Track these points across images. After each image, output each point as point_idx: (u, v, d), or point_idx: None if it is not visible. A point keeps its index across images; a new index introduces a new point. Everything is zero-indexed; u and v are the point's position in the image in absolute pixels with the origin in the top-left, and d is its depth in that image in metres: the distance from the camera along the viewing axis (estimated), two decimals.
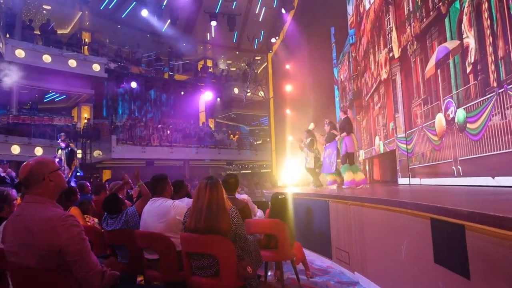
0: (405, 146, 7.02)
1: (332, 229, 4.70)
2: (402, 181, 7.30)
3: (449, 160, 5.43)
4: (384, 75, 8.10)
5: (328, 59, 12.77)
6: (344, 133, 6.78)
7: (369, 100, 9.24)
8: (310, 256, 5.21)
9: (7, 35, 14.75)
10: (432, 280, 2.57)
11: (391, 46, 7.61)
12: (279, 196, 4.07)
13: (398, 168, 7.53)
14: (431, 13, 5.85)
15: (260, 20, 19.61)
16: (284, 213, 3.93)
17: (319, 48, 12.53)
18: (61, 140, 9.14)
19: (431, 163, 6.04)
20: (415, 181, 6.68)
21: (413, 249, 2.85)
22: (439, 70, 5.66)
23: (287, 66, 13.51)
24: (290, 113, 13.49)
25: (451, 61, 5.31)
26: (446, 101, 5.47)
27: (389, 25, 7.72)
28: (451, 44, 5.32)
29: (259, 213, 4.67)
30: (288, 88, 13.45)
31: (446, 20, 5.41)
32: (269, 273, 4.21)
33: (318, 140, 8.38)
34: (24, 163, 1.95)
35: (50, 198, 1.93)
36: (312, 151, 8.12)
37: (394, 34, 7.45)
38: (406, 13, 6.83)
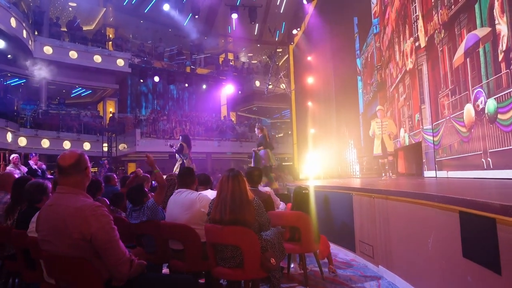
0: (431, 138, 6.84)
1: (355, 222, 4.64)
2: (428, 174, 7.12)
3: (478, 152, 5.26)
4: (409, 65, 7.88)
5: (351, 50, 12.54)
6: (261, 147, 8.16)
7: (394, 91, 9.03)
8: (333, 249, 5.18)
9: (36, 33, 15.22)
10: (460, 274, 2.51)
11: (417, 35, 7.38)
12: (303, 191, 4.05)
13: (424, 160, 7.35)
14: None
15: (281, 11, 19.44)
16: (306, 207, 3.91)
17: (341, 38, 12.30)
18: None
19: (459, 156, 5.86)
20: (442, 174, 6.50)
21: (441, 243, 2.79)
22: (468, 59, 5.46)
23: (309, 58, 13.34)
24: (312, 106, 13.35)
25: (481, 49, 5.11)
26: (475, 91, 5.28)
27: (415, 13, 7.48)
28: (481, 32, 5.11)
29: (282, 205, 4.67)
30: (310, 80, 13.29)
31: (476, 6, 5.20)
32: (292, 266, 4.22)
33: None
34: (69, 152, 2.02)
35: (82, 189, 2.00)
36: None
37: (420, 22, 7.22)
38: (433, 0, 6.60)
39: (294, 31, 13.66)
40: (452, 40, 5.96)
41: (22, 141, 13.77)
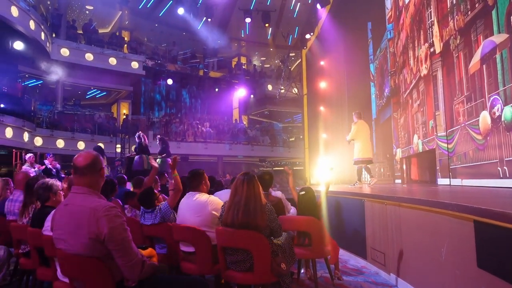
0: (445, 145, 6.74)
1: (367, 228, 4.60)
2: (441, 181, 7.01)
3: (494, 161, 5.15)
4: (424, 71, 7.80)
5: (364, 55, 12.47)
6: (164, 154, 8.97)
7: (408, 97, 8.93)
8: (344, 255, 5.14)
9: (53, 35, 15.54)
10: (474, 285, 2.46)
11: (432, 41, 7.30)
12: (300, 193, 4.01)
13: (437, 168, 7.24)
14: (477, 5, 5.55)
15: (294, 16, 19.47)
16: (312, 210, 3.86)
17: (355, 44, 12.24)
18: None
19: (474, 163, 5.76)
20: (456, 181, 6.39)
21: (455, 252, 2.74)
22: (484, 66, 5.37)
23: (322, 63, 13.31)
24: (324, 110, 13.30)
25: (498, 56, 5.02)
26: (491, 98, 5.19)
27: (430, 18, 7.41)
28: (498, 38, 5.02)
29: (292, 210, 4.65)
30: (323, 85, 13.25)
31: (494, 12, 5.12)
32: (302, 271, 4.19)
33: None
34: (85, 153, 2.06)
35: (96, 190, 2.04)
36: None
37: (435, 28, 7.14)
38: (449, 6, 6.53)
39: (307, 36, 13.64)
40: (468, 46, 5.88)
41: (38, 141, 14.04)
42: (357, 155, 7.35)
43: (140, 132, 9.48)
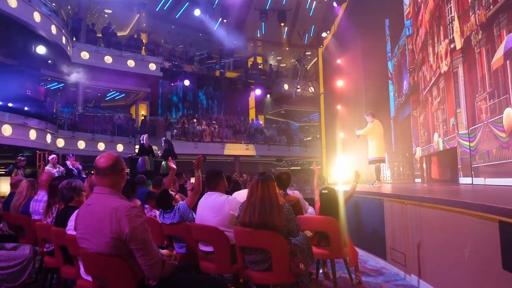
0: (467, 143, 6.57)
1: (386, 228, 4.53)
2: (463, 180, 6.85)
3: None
4: (444, 68, 7.63)
5: (382, 53, 12.28)
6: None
7: (427, 95, 8.76)
8: (363, 256, 5.08)
9: (74, 39, 15.92)
10: (499, 287, 2.40)
11: (453, 37, 7.13)
12: (322, 191, 3.98)
13: (459, 166, 7.07)
14: None
15: (310, 14, 19.36)
16: (334, 210, 3.83)
17: (372, 41, 12.08)
18: None
19: (498, 162, 5.60)
20: (479, 180, 6.23)
21: (479, 254, 2.67)
22: (508, 61, 5.22)
23: (339, 61, 13.19)
24: (341, 109, 13.18)
25: None
26: None
27: (451, 14, 7.24)
28: None
29: (310, 209, 4.63)
30: (340, 83, 13.14)
31: None
32: (320, 271, 4.17)
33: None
34: (106, 154, 2.11)
35: (118, 190, 2.08)
36: None
37: (456, 23, 6.98)
38: (470, 1, 6.36)
39: (324, 34, 13.54)
40: (490, 42, 5.72)
41: (60, 142, 14.42)
42: (373, 154, 7.26)
43: (145, 135, 9.71)
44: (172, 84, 19.37)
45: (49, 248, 3.45)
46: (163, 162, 9.05)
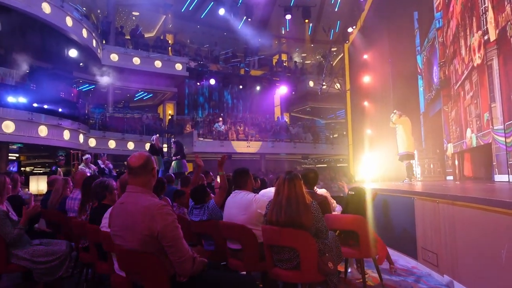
0: (503, 139, 6.29)
1: (417, 227, 4.42)
2: (499, 178, 6.56)
3: None
4: (477, 61, 7.33)
5: (410, 47, 11.93)
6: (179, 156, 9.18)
7: (459, 89, 8.44)
8: (393, 255, 4.98)
9: (104, 41, 16.43)
10: None
11: (486, 28, 6.83)
12: (349, 192, 3.95)
13: (494, 163, 6.78)
14: None
15: (336, 10, 19.08)
16: (361, 212, 3.79)
17: (400, 35, 11.74)
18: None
19: None
20: None
21: None
22: None
23: (365, 56, 12.90)
24: (368, 105, 12.91)
25: None
26: None
27: (484, 4, 6.94)
28: None
29: (338, 208, 4.58)
30: (366, 79, 12.86)
31: None
32: (349, 270, 4.12)
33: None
34: (138, 154, 2.18)
35: (149, 188, 2.14)
36: None
37: (490, 14, 6.68)
38: None
39: (350, 29, 13.29)
40: None
41: (92, 142, 14.94)
42: (403, 149, 7.10)
43: (155, 135, 9.99)
44: (198, 84, 19.63)
45: (84, 244, 3.59)
46: (173, 162, 9.24)
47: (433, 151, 10.73)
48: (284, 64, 23.24)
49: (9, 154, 12.35)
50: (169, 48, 19.10)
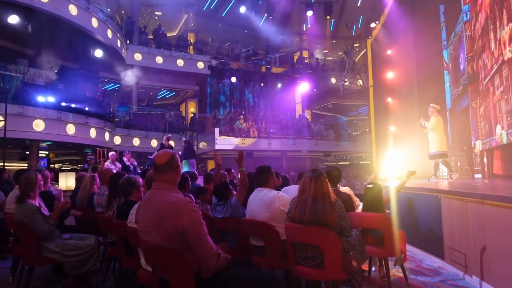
0: None
1: (444, 227, 4.31)
2: None
3: None
4: (508, 55, 7.05)
5: (436, 41, 11.58)
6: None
7: (488, 84, 8.15)
8: (418, 255, 4.88)
9: (127, 41, 16.78)
10: None
11: None
12: (367, 186, 3.90)
13: None
14: None
15: (358, 5, 18.76)
16: (377, 205, 3.75)
17: (425, 29, 11.42)
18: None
19: None
20: None
21: None
22: None
23: (389, 52, 12.62)
24: (392, 102, 12.64)
25: None
26: None
27: None
28: None
29: (361, 206, 4.53)
30: (390, 75, 12.58)
31: None
32: (373, 269, 4.07)
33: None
34: (163, 151, 2.23)
35: (174, 185, 2.18)
36: None
37: None
38: None
39: (372, 25, 13.04)
40: None
41: (117, 140, 15.31)
42: (435, 149, 6.93)
43: (166, 134, 10.22)
44: (219, 82, 19.76)
45: (111, 239, 3.69)
46: (182, 161, 9.36)
47: (460, 149, 10.41)
48: (306, 61, 23.06)
49: (39, 152, 12.82)
50: (191, 46, 19.30)
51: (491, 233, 3.32)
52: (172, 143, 10.17)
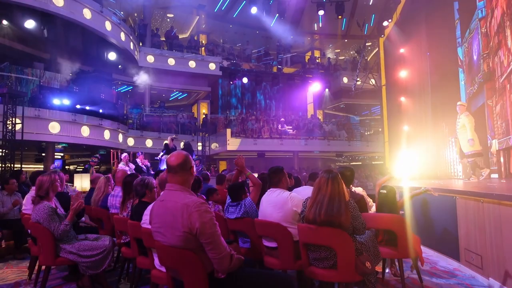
0: None
1: (460, 228, 4.24)
2: None
3: None
4: None
5: (450, 39, 11.39)
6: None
7: (505, 82, 7.98)
8: (433, 256, 4.81)
9: (140, 44, 16.97)
10: None
11: None
12: (381, 191, 3.86)
13: None
14: None
15: (370, 3, 18.59)
16: (392, 210, 3.72)
17: (439, 27, 11.25)
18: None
19: None
20: None
21: None
22: None
23: (402, 50, 12.49)
24: (405, 101, 12.50)
25: None
26: None
27: None
28: None
29: (374, 207, 4.49)
30: (403, 74, 12.44)
31: None
32: (387, 271, 4.03)
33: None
34: (177, 152, 2.25)
35: (188, 186, 2.19)
36: None
37: None
38: None
39: (385, 23, 12.93)
40: None
41: (130, 141, 15.50)
42: (469, 148, 6.84)
43: (170, 136, 10.46)
44: (231, 82, 19.82)
45: (126, 240, 3.74)
46: None
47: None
48: (317, 60, 22.95)
49: (55, 153, 13.07)
50: (203, 48, 19.40)
51: (509, 234, 3.26)
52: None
